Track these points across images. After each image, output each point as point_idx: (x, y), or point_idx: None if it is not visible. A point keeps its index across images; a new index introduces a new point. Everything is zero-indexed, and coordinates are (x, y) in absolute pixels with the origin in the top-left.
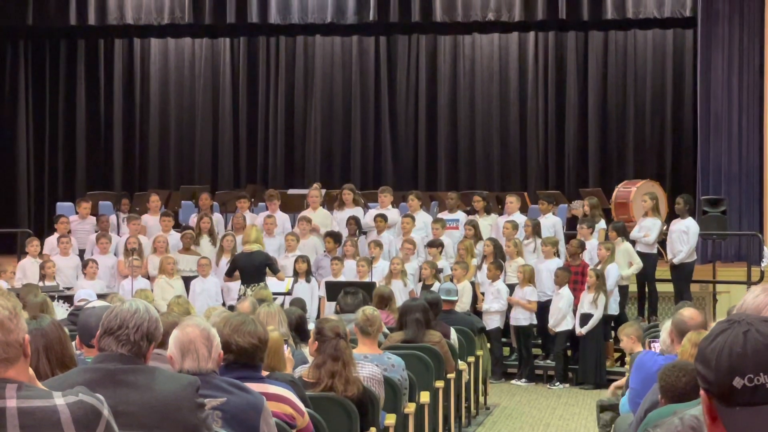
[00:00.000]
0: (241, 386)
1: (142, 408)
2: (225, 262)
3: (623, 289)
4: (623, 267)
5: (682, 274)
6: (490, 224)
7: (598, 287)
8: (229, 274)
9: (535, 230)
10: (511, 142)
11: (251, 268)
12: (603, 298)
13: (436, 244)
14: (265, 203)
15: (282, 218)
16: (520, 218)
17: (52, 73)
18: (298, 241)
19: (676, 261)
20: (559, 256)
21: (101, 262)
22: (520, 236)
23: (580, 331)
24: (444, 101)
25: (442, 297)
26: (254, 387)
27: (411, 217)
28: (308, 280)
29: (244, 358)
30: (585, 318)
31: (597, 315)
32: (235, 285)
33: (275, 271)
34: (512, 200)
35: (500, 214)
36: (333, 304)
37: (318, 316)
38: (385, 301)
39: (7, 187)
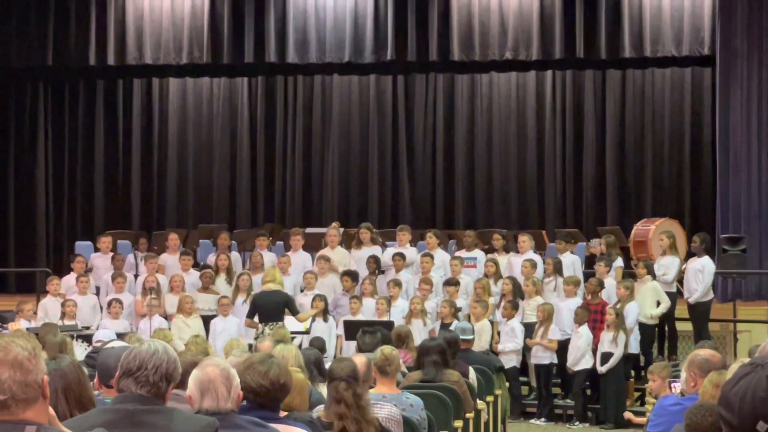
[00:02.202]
0: (259, 423)
1: None
2: (241, 301)
3: (649, 329)
4: (651, 306)
5: (699, 313)
6: (509, 263)
7: (618, 326)
8: (251, 316)
9: (557, 269)
10: (529, 181)
11: (270, 307)
12: (623, 336)
13: (453, 283)
14: (284, 242)
15: (303, 257)
16: (535, 257)
17: (71, 113)
18: (316, 280)
19: (691, 300)
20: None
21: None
22: (539, 274)
23: (601, 369)
24: (461, 140)
25: (460, 336)
26: (272, 426)
27: (430, 256)
28: (326, 319)
29: (254, 397)
30: (605, 357)
31: (617, 354)
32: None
33: (294, 312)
34: (524, 239)
35: (517, 252)
36: (351, 343)
37: (336, 356)
38: (402, 339)
39: (26, 227)
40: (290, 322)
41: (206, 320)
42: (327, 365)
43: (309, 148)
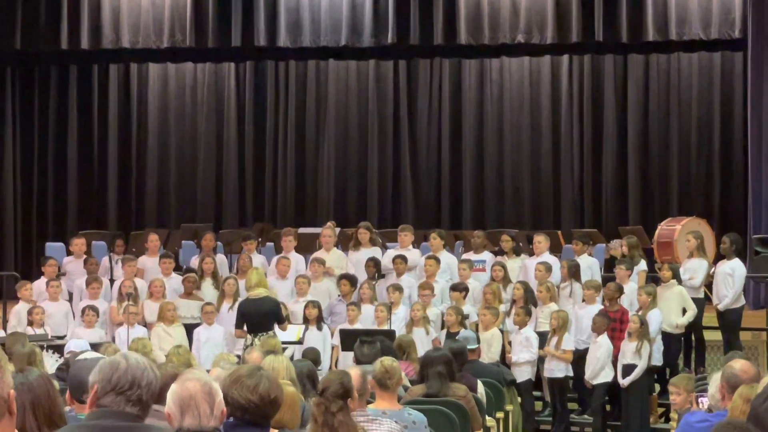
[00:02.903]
0: None
1: None
2: (227, 308)
3: (674, 339)
4: (676, 313)
5: (729, 321)
6: (519, 266)
7: (642, 335)
8: (240, 326)
9: (573, 272)
10: (543, 176)
11: (259, 316)
12: (647, 347)
13: (460, 288)
14: (275, 243)
15: (296, 259)
16: (551, 259)
17: (42, 102)
18: (309, 285)
19: (721, 307)
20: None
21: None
22: (554, 279)
23: (623, 382)
24: (469, 131)
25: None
26: None
27: (435, 259)
28: (320, 328)
29: (242, 414)
30: (627, 369)
31: (641, 365)
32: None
33: (280, 321)
34: (540, 240)
35: (531, 254)
36: (348, 354)
37: (331, 368)
38: (404, 350)
39: None
40: (281, 332)
41: (189, 329)
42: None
43: (302, 140)
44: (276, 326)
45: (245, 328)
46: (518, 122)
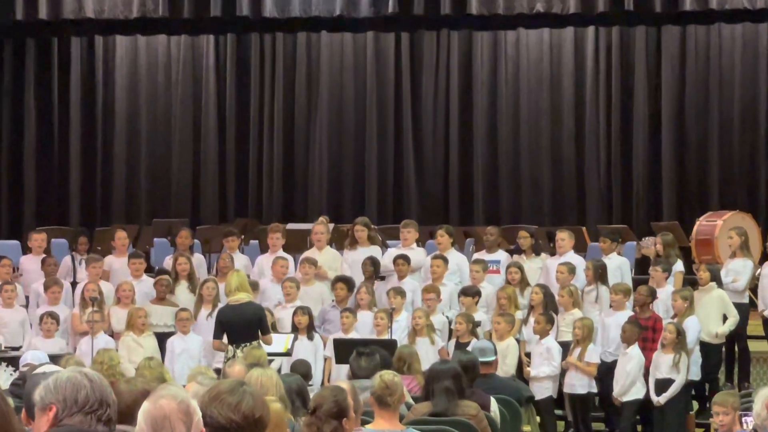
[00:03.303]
0: None
1: None
2: (205, 315)
3: (714, 350)
4: (716, 321)
5: None
6: (539, 267)
7: (678, 346)
8: (218, 336)
9: (599, 274)
10: (565, 165)
11: (241, 324)
12: (685, 359)
13: (471, 292)
14: (260, 241)
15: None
16: (576, 259)
17: None
18: (298, 289)
19: (767, 314)
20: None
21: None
22: (578, 282)
23: (658, 399)
24: (481, 114)
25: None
26: None
27: (442, 259)
28: (311, 337)
29: None
30: (661, 384)
31: (679, 380)
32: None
33: (264, 330)
34: (563, 237)
35: (552, 254)
36: (343, 367)
37: (323, 383)
38: (406, 363)
39: None
40: (273, 341)
41: (162, 339)
42: (313, 394)
43: (291, 124)
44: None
45: (225, 338)
46: (536, 104)
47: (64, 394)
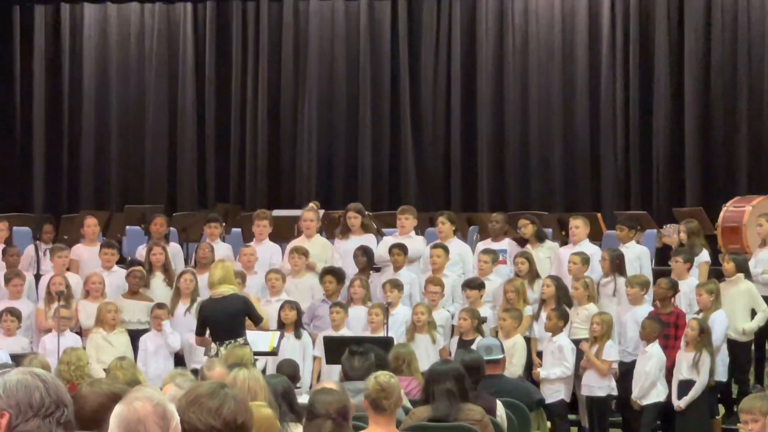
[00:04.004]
0: None
1: None
2: (183, 310)
3: (742, 348)
4: (744, 316)
5: None
6: (546, 257)
7: (701, 344)
8: (201, 333)
9: (617, 265)
10: (579, 145)
11: (224, 319)
12: (707, 358)
13: (475, 285)
14: (243, 229)
15: (270, 249)
16: (591, 249)
17: None
18: (284, 282)
19: None
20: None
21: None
22: (593, 274)
23: (678, 403)
24: (486, 88)
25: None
26: None
27: (443, 248)
28: (298, 335)
29: None
30: (684, 386)
31: (701, 381)
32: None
33: (257, 320)
34: (578, 225)
35: (564, 242)
36: (334, 367)
37: (312, 385)
38: (404, 362)
39: None
40: (253, 340)
41: (135, 336)
42: (302, 398)
43: (277, 100)
44: (252, 331)
45: (208, 334)
46: (547, 77)
47: (16, 399)
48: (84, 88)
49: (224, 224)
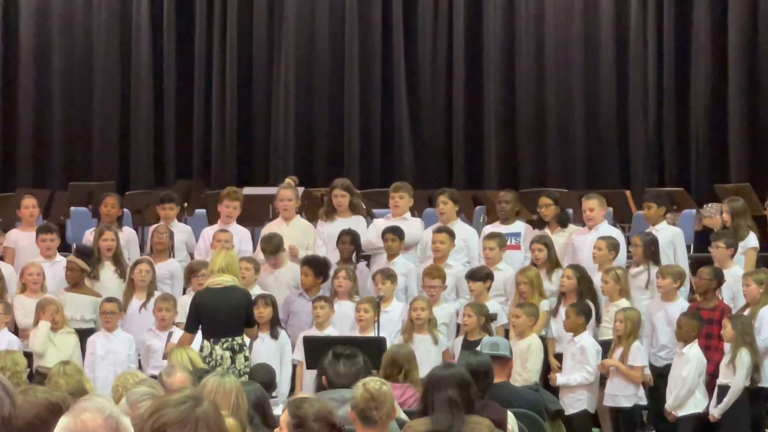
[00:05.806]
0: None
1: None
2: (137, 306)
3: None
4: None
5: None
6: (567, 242)
7: (741, 343)
8: (192, 328)
9: (651, 252)
10: (604, 112)
11: (224, 312)
12: (746, 358)
13: (480, 276)
14: (207, 209)
15: (239, 234)
16: (612, 232)
17: None
18: (257, 272)
19: None
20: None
21: None
22: (621, 261)
23: (713, 413)
24: (494, 47)
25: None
26: None
27: (448, 232)
28: (275, 335)
29: None
30: (722, 392)
31: (736, 386)
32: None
33: (250, 323)
34: (593, 206)
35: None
36: (315, 373)
37: (291, 393)
38: (399, 367)
39: None
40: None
41: (80, 337)
42: (277, 409)
43: (248, 60)
44: (243, 328)
45: (203, 333)
46: (566, 36)
47: None
48: (21, 44)
49: (184, 204)
